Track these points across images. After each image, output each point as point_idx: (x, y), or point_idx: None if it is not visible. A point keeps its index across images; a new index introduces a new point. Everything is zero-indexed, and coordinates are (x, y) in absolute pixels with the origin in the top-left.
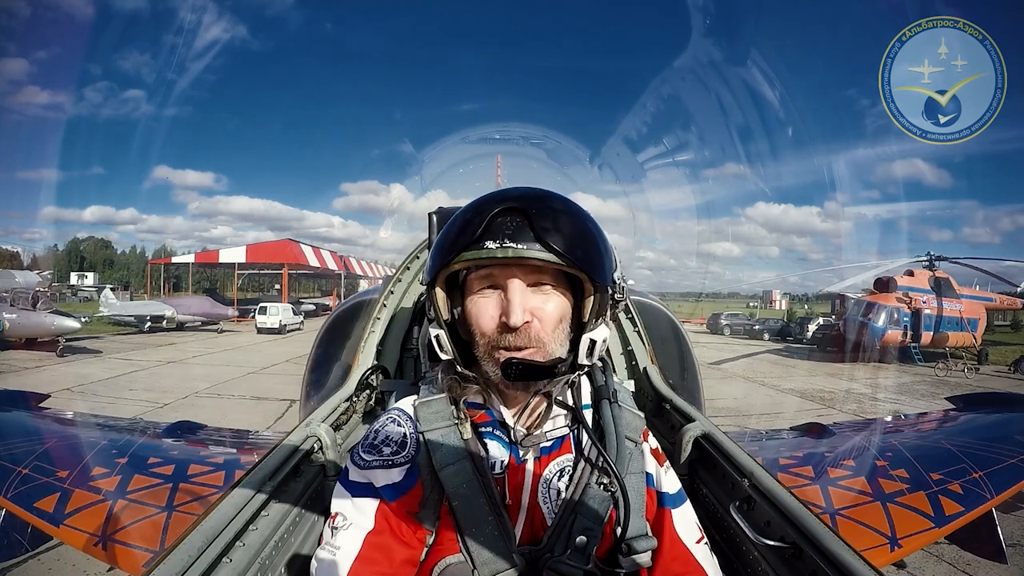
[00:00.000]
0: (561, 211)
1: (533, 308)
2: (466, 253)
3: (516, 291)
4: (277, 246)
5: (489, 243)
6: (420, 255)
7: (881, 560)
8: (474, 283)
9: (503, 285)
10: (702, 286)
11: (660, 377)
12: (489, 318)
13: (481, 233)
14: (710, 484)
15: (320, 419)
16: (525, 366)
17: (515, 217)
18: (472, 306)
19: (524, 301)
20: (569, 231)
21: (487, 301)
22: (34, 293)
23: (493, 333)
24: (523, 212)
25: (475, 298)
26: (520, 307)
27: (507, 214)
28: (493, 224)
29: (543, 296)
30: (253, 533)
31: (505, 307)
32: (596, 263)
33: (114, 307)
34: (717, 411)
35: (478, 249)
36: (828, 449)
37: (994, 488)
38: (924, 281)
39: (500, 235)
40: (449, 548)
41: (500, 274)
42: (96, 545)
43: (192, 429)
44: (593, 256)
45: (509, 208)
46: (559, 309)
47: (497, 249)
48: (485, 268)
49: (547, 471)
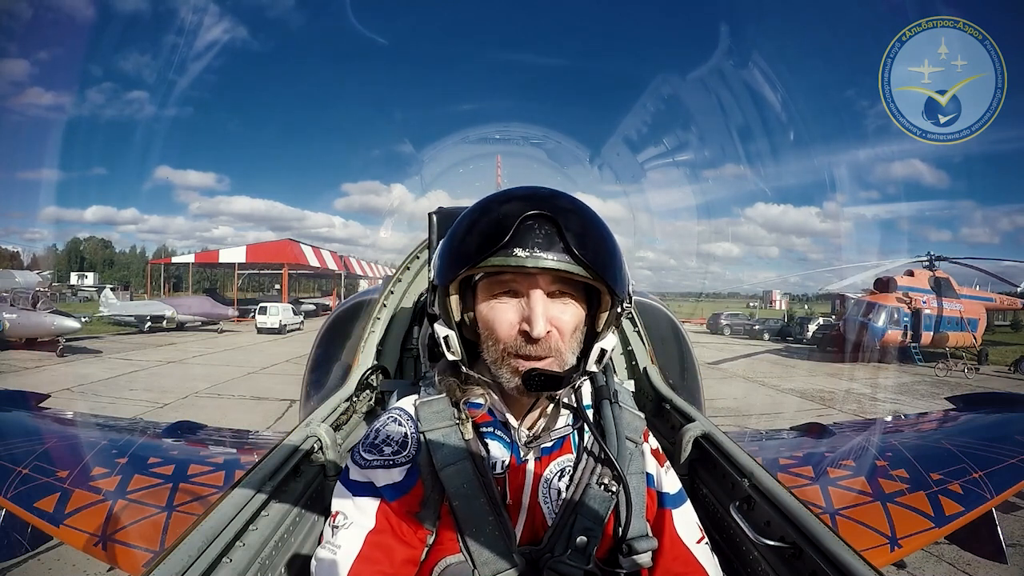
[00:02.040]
0: (587, 221)
1: (552, 317)
2: (493, 259)
3: (539, 301)
4: (277, 246)
5: (519, 251)
6: (420, 255)
7: (881, 560)
8: (490, 287)
9: (525, 293)
10: (702, 286)
11: (660, 377)
12: (508, 325)
13: (510, 239)
14: (710, 484)
15: (320, 419)
16: (547, 377)
17: (544, 225)
18: (489, 311)
19: (545, 311)
20: (595, 242)
21: (506, 307)
22: (34, 293)
23: (511, 341)
24: (553, 220)
25: (492, 303)
26: (543, 318)
27: (536, 220)
28: (522, 229)
29: (562, 306)
30: (253, 533)
31: (527, 316)
32: (619, 276)
33: (114, 307)
34: (717, 411)
35: (506, 256)
36: (828, 449)
37: (994, 488)
38: (924, 281)
39: (530, 243)
40: (449, 548)
41: (523, 281)
42: (96, 545)
43: (192, 429)
44: (616, 269)
45: (538, 214)
46: (576, 319)
47: (527, 258)
48: (507, 274)
49: (548, 471)
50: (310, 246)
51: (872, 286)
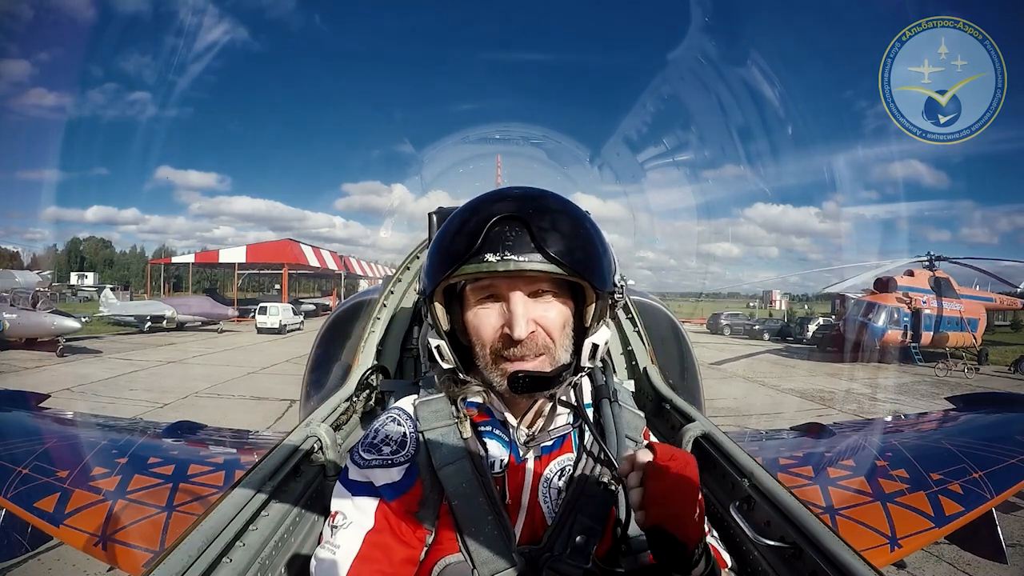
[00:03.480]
0: (560, 216)
1: (536, 317)
2: (466, 267)
3: (519, 303)
4: (277, 246)
5: (489, 256)
6: (420, 255)
7: (881, 560)
8: (473, 293)
9: (505, 296)
10: (702, 286)
11: (660, 377)
12: (492, 330)
13: (480, 245)
14: (710, 484)
15: (320, 419)
16: (532, 378)
17: (513, 226)
18: (473, 317)
19: (527, 312)
20: (569, 238)
21: (488, 312)
22: (34, 293)
23: (496, 344)
24: (521, 220)
25: (476, 309)
26: (523, 319)
27: (505, 223)
28: (491, 234)
29: (545, 304)
30: (253, 533)
31: (508, 319)
32: (597, 270)
33: (114, 307)
34: (717, 411)
35: (478, 263)
36: (828, 449)
37: (994, 488)
38: (924, 281)
39: (500, 247)
40: (449, 547)
41: (501, 285)
42: (96, 545)
43: (192, 429)
44: (593, 263)
45: (506, 217)
46: (561, 316)
47: (498, 262)
48: (486, 279)
49: (547, 470)
50: (310, 246)
51: (872, 286)
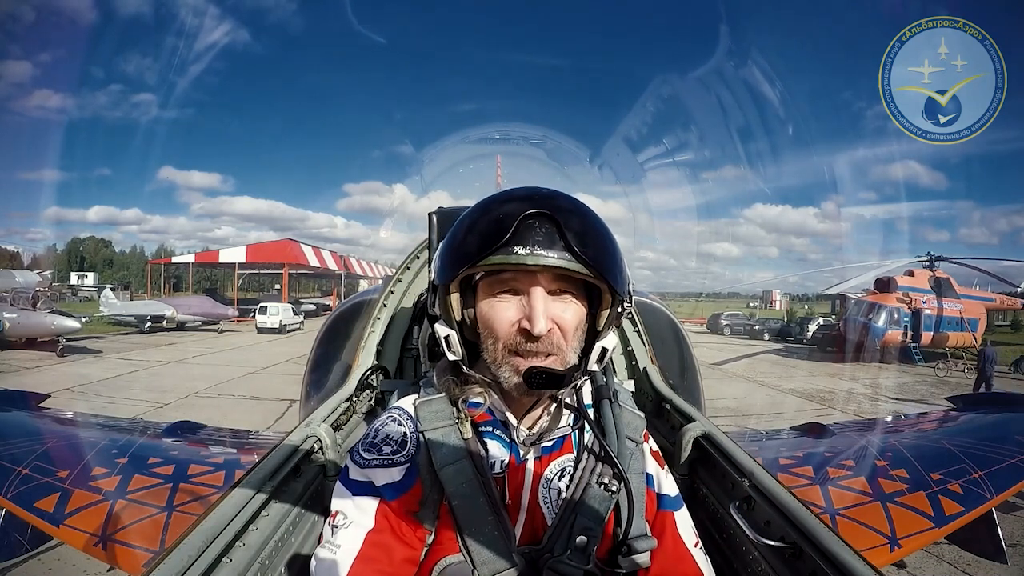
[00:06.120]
0: (588, 220)
1: (554, 315)
2: (494, 257)
3: (539, 299)
4: (277, 246)
5: (519, 248)
6: (420, 255)
7: (881, 560)
8: (490, 287)
9: (525, 291)
10: (702, 286)
11: (660, 377)
12: (508, 323)
13: (510, 237)
14: (710, 484)
15: (320, 419)
16: (549, 375)
17: (545, 223)
18: (489, 309)
19: (547, 309)
20: (595, 241)
21: (506, 306)
22: (34, 293)
23: (511, 339)
24: (553, 219)
25: (492, 301)
26: (543, 315)
27: (536, 219)
28: (522, 228)
29: (563, 304)
30: (253, 533)
31: (528, 313)
32: (619, 275)
33: (114, 307)
34: (717, 411)
35: (507, 254)
36: (828, 449)
37: (994, 488)
38: (924, 281)
39: (530, 241)
40: (449, 548)
41: (523, 280)
42: (96, 545)
43: (192, 429)
44: (616, 268)
45: (539, 213)
46: (577, 317)
47: (528, 256)
48: (508, 272)
49: (548, 471)
50: (310, 246)
51: (872, 286)
